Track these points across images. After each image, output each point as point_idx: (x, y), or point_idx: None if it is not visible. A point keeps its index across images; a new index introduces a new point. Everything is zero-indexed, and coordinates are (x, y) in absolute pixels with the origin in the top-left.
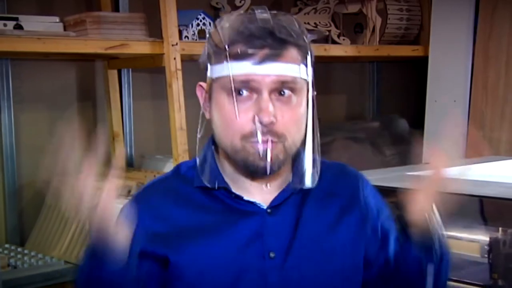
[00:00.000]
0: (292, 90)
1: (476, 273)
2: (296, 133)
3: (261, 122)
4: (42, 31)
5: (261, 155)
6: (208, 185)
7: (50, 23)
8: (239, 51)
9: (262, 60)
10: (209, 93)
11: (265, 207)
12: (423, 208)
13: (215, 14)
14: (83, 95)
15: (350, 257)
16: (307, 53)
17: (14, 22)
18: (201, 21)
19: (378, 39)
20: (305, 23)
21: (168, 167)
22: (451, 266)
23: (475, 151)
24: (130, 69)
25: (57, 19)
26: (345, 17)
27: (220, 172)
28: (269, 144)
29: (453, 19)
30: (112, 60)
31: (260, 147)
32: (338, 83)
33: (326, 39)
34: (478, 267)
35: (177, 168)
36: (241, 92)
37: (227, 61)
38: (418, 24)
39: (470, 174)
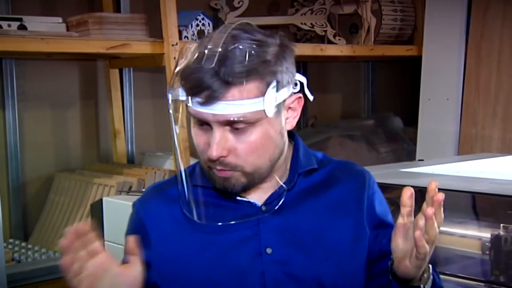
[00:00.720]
0: (246, 122)
1: (478, 269)
2: (257, 159)
3: (208, 157)
4: (45, 32)
5: (221, 181)
6: (204, 184)
7: (53, 24)
8: (187, 90)
9: (206, 102)
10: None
11: (259, 205)
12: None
13: (214, 15)
14: (85, 94)
15: (348, 255)
16: (265, 80)
17: (18, 23)
18: (200, 21)
19: (373, 39)
20: (301, 23)
21: (168, 164)
22: None
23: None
24: (131, 69)
25: (60, 19)
26: (341, 18)
27: None
28: (224, 173)
29: (446, 19)
30: (113, 60)
31: (217, 174)
32: (334, 82)
33: (322, 39)
34: (479, 264)
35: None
36: (201, 123)
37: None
38: (412, 25)
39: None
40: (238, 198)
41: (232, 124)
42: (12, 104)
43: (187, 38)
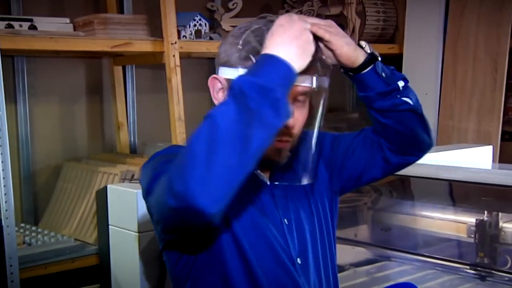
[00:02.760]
0: (307, 96)
1: (464, 252)
2: (300, 131)
3: (285, 126)
4: (54, 31)
5: (277, 152)
6: None
7: (61, 24)
8: None
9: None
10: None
11: (268, 182)
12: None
13: (210, 15)
14: (91, 89)
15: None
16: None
17: (29, 23)
18: (197, 22)
19: (357, 38)
20: None
21: None
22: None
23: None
24: (134, 66)
25: (67, 20)
26: (328, 18)
27: None
28: (285, 144)
29: (425, 20)
30: (117, 57)
31: (278, 145)
32: None
33: None
34: (465, 247)
35: None
36: None
37: None
38: (394, 25)
39: (441, 160)
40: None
41: (298, 96)
42: (24, 99)
43: (186, 38)
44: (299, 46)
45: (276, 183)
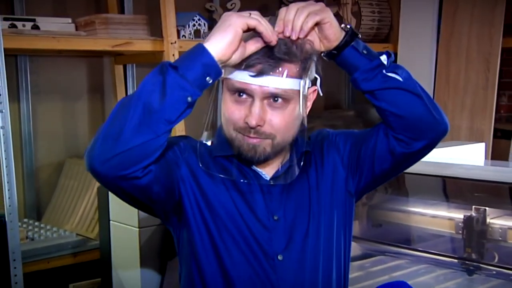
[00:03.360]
0: (284, 98)
1: (452, 247)
2: (286, 132)
3: (247, 123)
4: (57, 31)
5: (252, 148)
6: (225, 154)
7: (63, 24)
8: (243, 62)
9: (257, 74)
10: (217, 87)
11: (268, 178)
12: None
13: (209, 16)
14: (93, 88)
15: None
16: (306, 69)
17: (32, 23)
18: (196, 22)
19: None
20: None
21: None
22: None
23: None
24: (134, 64)
25: (69, 20)
26: None
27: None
28: (255, 140)
29: (419, 20)
30: (118, 56)
31: (247, 140)
32: None
33: None
34: (453, 242)
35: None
36: (240, 94)
37: (234, 68)
38: (388, 25)
39: (434, 157)
40: (253, 167)
41: (271, 98)
42: (26, 97)
43: (185, 37)
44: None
45: (271, 182)
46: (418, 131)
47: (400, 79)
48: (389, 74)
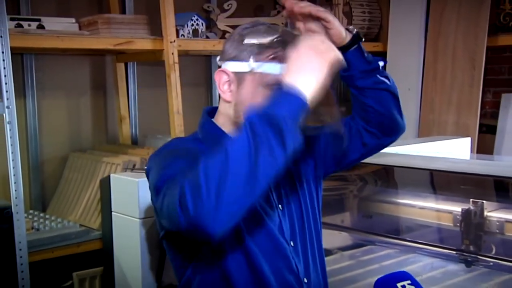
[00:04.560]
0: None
1: (450, 240)
2: None
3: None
4: (61, 31)
5: None
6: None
7: (67, 24)
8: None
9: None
10: (238, 81)
11: None
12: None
13: (206, 16)
14: (95, 85)
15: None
16: None
17: (37, 23)
18: (195, 22)
19: None
20: (282, 23)
21: None
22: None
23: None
24: (135, 63)
25: (73, 20)
26: None
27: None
28: None
29: (408, 20)
30: (119, 55)
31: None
32: None
33: None
34: (451, 235)
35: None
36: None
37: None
38: (378, 24)
39: (422, 151)
40: None
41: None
42: (32, 94)
43: (184, 36)
44: (319, 81)
45: None
46: (389, 128)
47: (389, 83)
48: (381, 77)
